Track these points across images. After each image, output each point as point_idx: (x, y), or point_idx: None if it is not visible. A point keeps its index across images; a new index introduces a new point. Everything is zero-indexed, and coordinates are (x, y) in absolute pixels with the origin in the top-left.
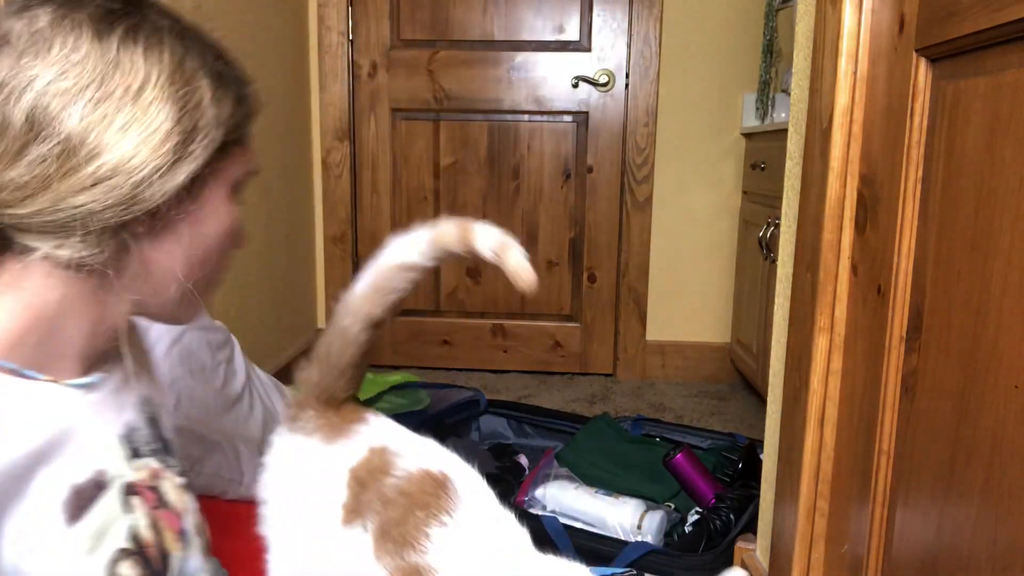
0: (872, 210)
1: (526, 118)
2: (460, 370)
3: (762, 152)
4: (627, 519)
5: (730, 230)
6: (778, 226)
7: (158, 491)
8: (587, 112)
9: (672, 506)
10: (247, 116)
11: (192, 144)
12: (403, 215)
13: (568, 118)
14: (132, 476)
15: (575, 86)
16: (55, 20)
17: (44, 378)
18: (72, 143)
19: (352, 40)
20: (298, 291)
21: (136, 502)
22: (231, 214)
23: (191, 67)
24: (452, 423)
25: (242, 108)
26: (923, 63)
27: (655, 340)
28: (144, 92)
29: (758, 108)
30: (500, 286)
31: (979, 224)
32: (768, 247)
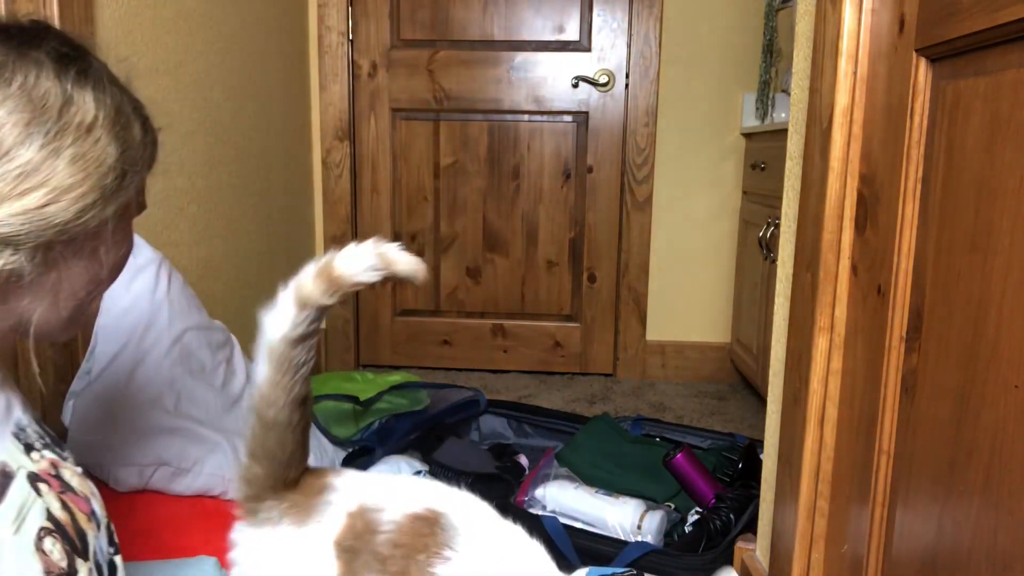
0: (872, 210)
1: (526, 118)
2: (460, 370)
3: (762, 152)
4: (627, 519)
5: (730, 230)
6: (778, 226)
7: (61, 479)
8: (587, 112)
9: (672, 506)
10: (155, 159)
11: (127, 179)
12: (403, 215)
13: (568, 118)
14: (34, 467)
15: (575, 86)
16: (18, 57)
17: None
18: (28, 168)
19: (352, 40)
20: None
21: (44, 487)
22: (130, 239)
23: (127, 111)
24: (452, 423)
25: (155, 152)
26: (923, 63)
27: (655, 340)
28: (94, 129)
29: (758, 108)
30: (500, 286)
31: (979, 224)
32: (768, 247)
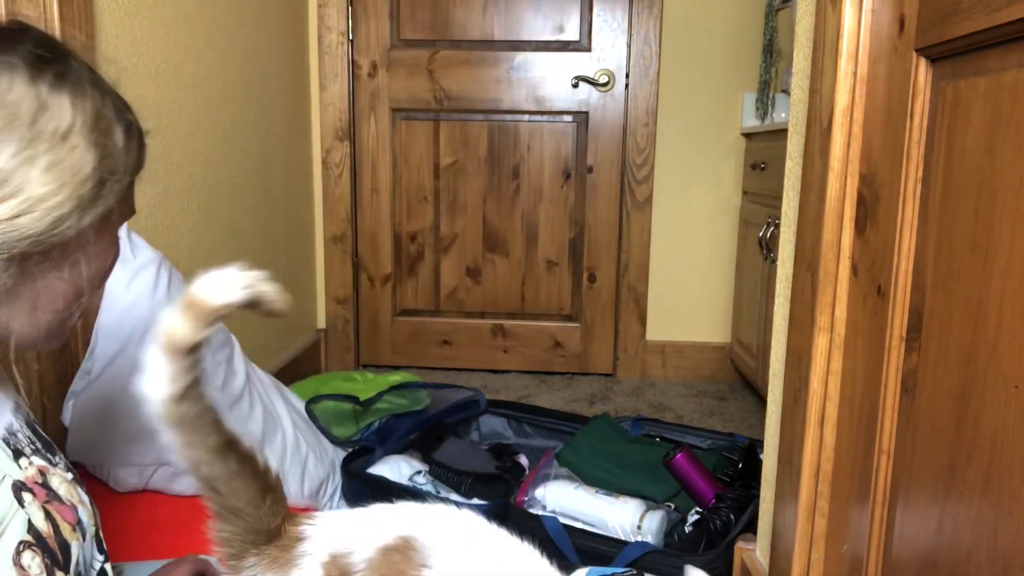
0: (872, 210)
1: (526, 118)
2: (460, 370)
3: (762, 152)
4: (627, 519)
5: (730, 230)
6: (778, 226)
7: (48, 487)
8: (587, 112)
9: (672, 506)
10: (142, 164)
11: (106, 187)
12: (403, 215)
13: (568, 118)
14: (20, 474)
15: (575, 86)
16: None
17: None
18: (1, 177)
19: (352, 40)
20: (298, 291)
21: (28, 498)
22: (115, 248)
23: (107, 116)
24: (452, 423)
25: (142, 156)
26: (923, 63)
27: (655, 340)
28: (70, 137)
29: (758, 108)
30: (500, 286)
31: (979, 224)
32: (768, 247)
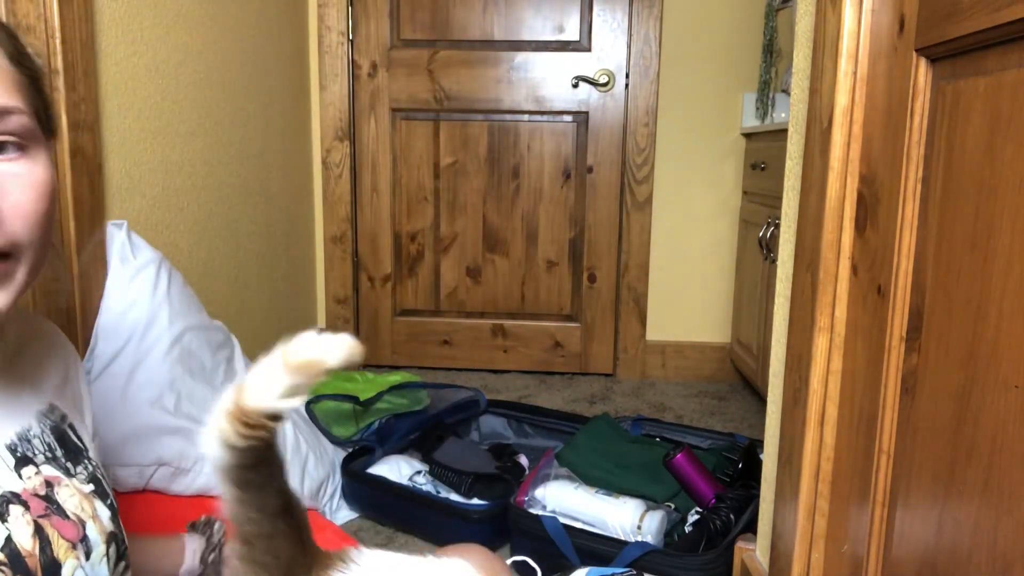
0: (872, 210)
1: (526, 118)
2: (460, 370)
3: (762, 152)
4: (627, 519)
5: (730, 230)
6: (778, 226)
7: (51, 499)
8: (587, 112)
9: (672, 506)
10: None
11: None
12: (403, 215)
13: (568, 118)
14: (17, 485)
15: (575, 86)
16: None
17: None
18: None
19: (352, 40)
20: (298, 291)
21: (16, 511)
22: None
23: None
24: (452, 423)
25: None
26: (923, 63)
27: (655, 340)
28: None
29: (758, 108)
30: (500, 286)
31: (979, 224)
32: (768, 247)
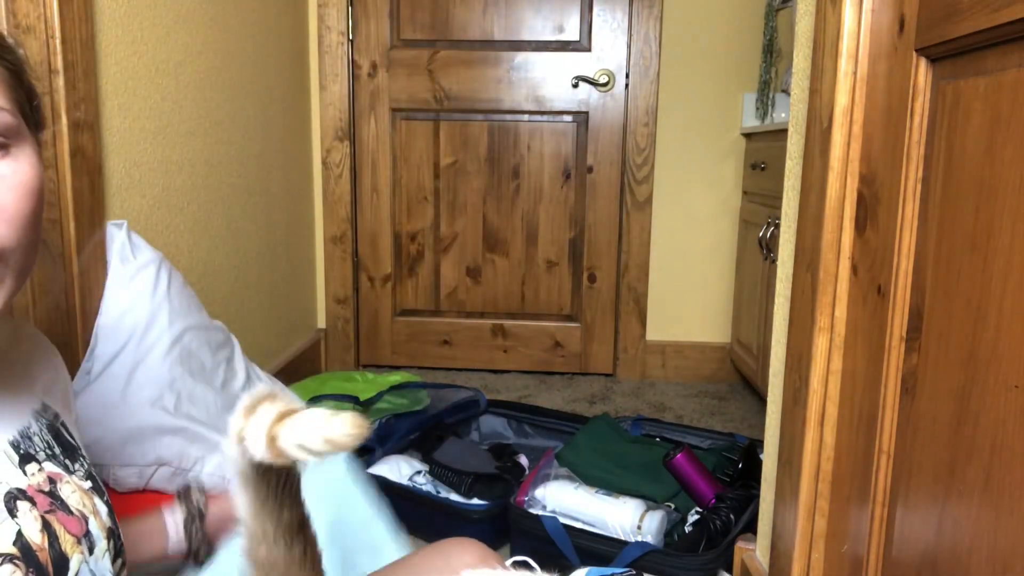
0: (872, 210)
1: (526, 118)
2: (460, 370)
3: (762, 152)
4: (627, 519)
5: (730, 230)
6: (778, 226)
7: (55, 495)
8: (587, 112)
9: (672, 506)
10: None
11: None
12: (403, 215)
13: (568, 118)
14: (22, 482)
15: (575, 86)
16: None
17: None
18: None
19: (352, 40)
20: (298, 291)
21: (24, 507)
22: None
23: None
24: (452, 423)
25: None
26: (923, 63)
27: (655, 340)
28: None
29: (758, 108)
30: (500, 286)
31: (979, 224)
32: (768, 247)
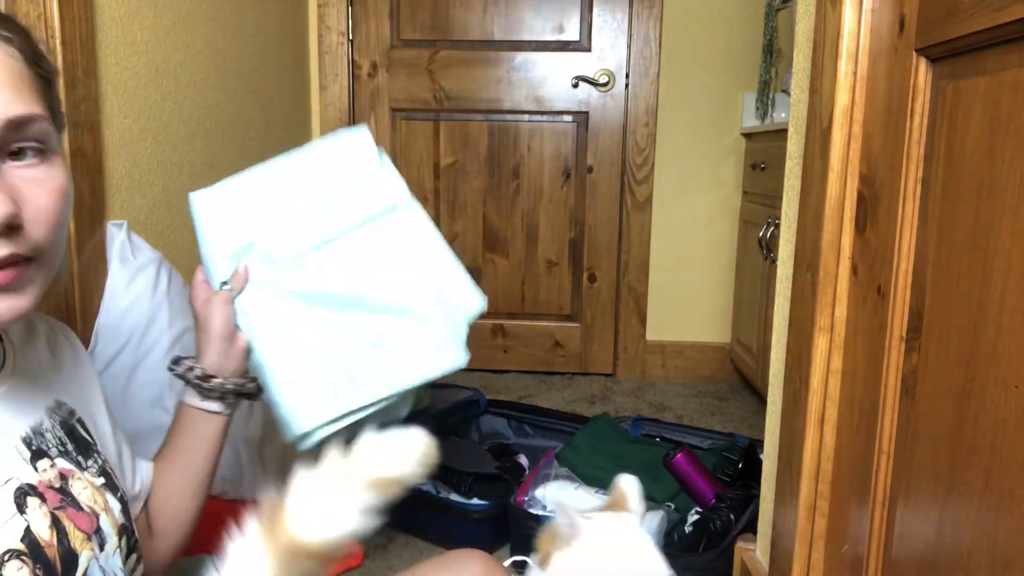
0: (872, 210)
1: (526, 118)
2: (460, 370)
3: (762, 152)
4: None
5: (730, 230)
6: (778, 226)
7: (66, 492)
8: (587, 112)
9: (672, 506)
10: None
11: None
12: None
13: (568, 118)
14: (33, 478)
15: (575, 86)
16: None
17: None
18: None
19: (352, 40)
20: None
21: (34, 503)
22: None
23: None
24: (452, 423)
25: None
26: (923, 63)
27: (655, 340)
28: None
29: (758, 108)
30: (500, 286)
31: (979, 224)
32: (768, 247)
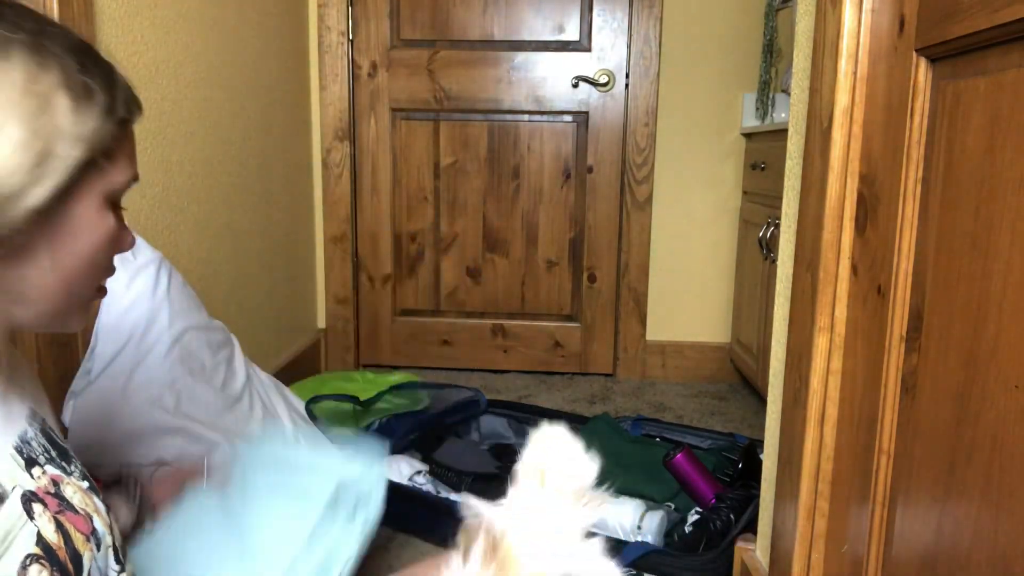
0: (872, 210)
1: (526, 118)
2: (460, 370)
3: (762, 152)
4: (627, 519)
5: (730, 230)
6: (778, 226)
7: (61, 496)
8: (587, 112)
9: (672, 506)
10: (120, 125)
11: (45, 167)
12: (403, 215)
13: (568, 118)
14: (31, 484)
15: (575, 86)
16: None
17: None
18: None
19: (352, 40)
20: (298, 291)
21: (39, 509)
22: (106, 224)
23: (47, 83)
24: (452, 423)
25: (112, 119)
26: (923, 63)
27: (655, 340)
28: None
29: (758, 108)
30: (500, 286)
31: (979, 224)
32: (768, 247)
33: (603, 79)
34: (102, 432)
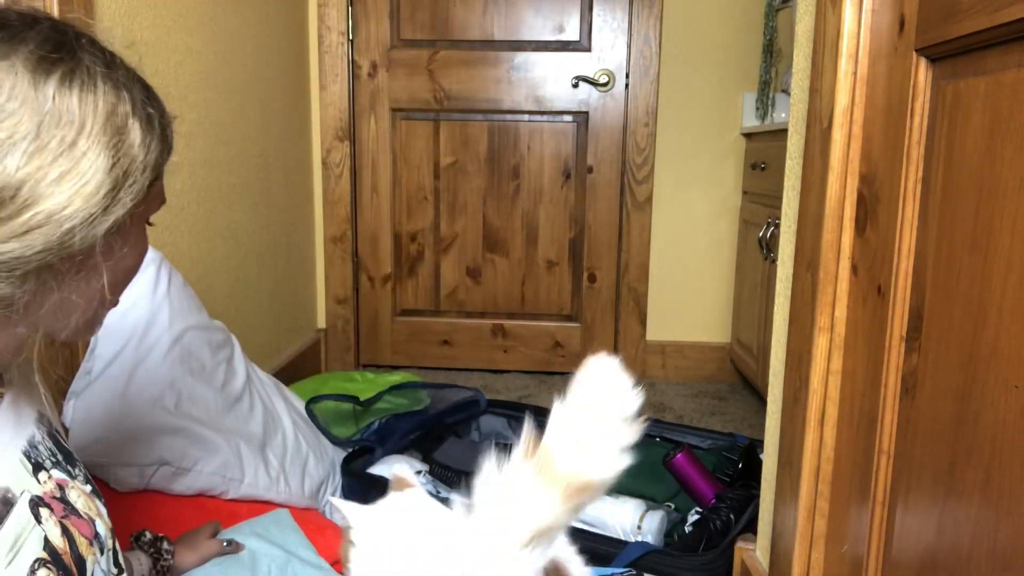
0: (872, 210)
1: (526, 118)
2: (460, 370)
3: (762, 152)
4: (627, 519)
5: (730, 230)
6: (778, 226)
7: (66, 501)
8: (587, 112)
9: (672, 506)
10: (168, 153)
11: (122, 191)
12: (403, 215)
13: (568, 118)
14: (38, 489)
15: (575, 86)
16: None
17: None
18: (7, 193)
19: (352, 40)
20: (298, 291)
21: (45, 513)
22: (146, 240)
23: (123, 113)
24: (452, 423)
25: (166, 147)
26: (923, 63)
27: (655, 340)
28: (78, 143)
29: (758, 108)
30: (500, 286)
31: (979, 224)
32: (768, 247)
33: (603, 79)
34: (102, 432)
